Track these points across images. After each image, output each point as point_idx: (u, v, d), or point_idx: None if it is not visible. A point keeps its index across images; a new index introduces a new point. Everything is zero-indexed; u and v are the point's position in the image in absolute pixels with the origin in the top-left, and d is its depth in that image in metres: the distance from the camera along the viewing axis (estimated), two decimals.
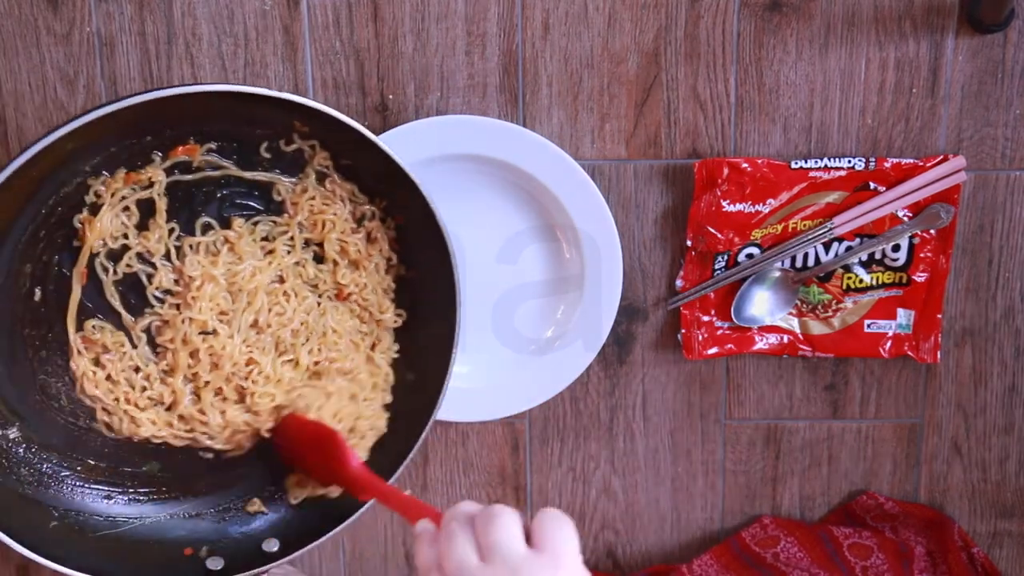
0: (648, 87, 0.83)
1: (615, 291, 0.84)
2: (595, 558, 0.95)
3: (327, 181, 0.76)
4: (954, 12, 0.81)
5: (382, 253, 0.78)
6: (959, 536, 0.90)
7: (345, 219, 0.76)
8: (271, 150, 0.74)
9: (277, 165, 0.75)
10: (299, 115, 0.71)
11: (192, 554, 0.75)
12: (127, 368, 0.74)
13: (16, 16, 0.82)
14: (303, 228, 0.76)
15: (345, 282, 0.77)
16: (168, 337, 0.73)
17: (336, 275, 0.77)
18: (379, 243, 0.78)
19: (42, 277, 0.70)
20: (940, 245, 0.85)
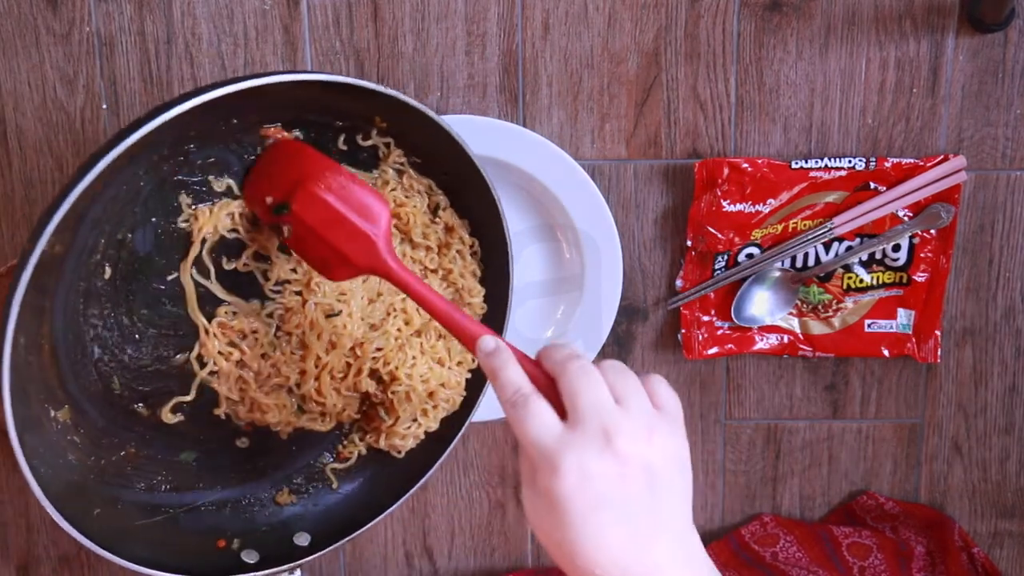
0: (648, 87, 0.83)
1: (615, 291, 0.84)
2: None
3: (404, 176, 0.75)
4: (954, 12, 0.81)
5: (463, 240, 0.78)
6: (959, 536, 0.90)
7: (424, 211, 0.76)
8: (349, 142, 0.73)
9: (350, 159, 0.74)
10: (381, 110, 0.70)
11: (225, 546, 0.74)
12: (257, 356, 0.74)
13: (16, 16, 0.82)
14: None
15: (433, 267, 0.77)
16: (295, 323, 0.72)
17: (425, 260, 0.77)
18: (457, 231, 0.77)
19: (115, 256, 0.67)
20: (940, 245, 0.85)
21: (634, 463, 0.49)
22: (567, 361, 0.52)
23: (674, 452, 0.52)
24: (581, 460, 0.49)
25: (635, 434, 0.50)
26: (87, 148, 0.85)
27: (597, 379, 0.51)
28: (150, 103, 0.84)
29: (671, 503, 0.51)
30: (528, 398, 0.52)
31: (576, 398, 0.51)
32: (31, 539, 0.95)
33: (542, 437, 0.50)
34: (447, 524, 0.94)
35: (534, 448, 0.50)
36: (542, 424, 0.51)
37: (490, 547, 0.95)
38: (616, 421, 0.50)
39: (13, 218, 0.87)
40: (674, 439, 0.52)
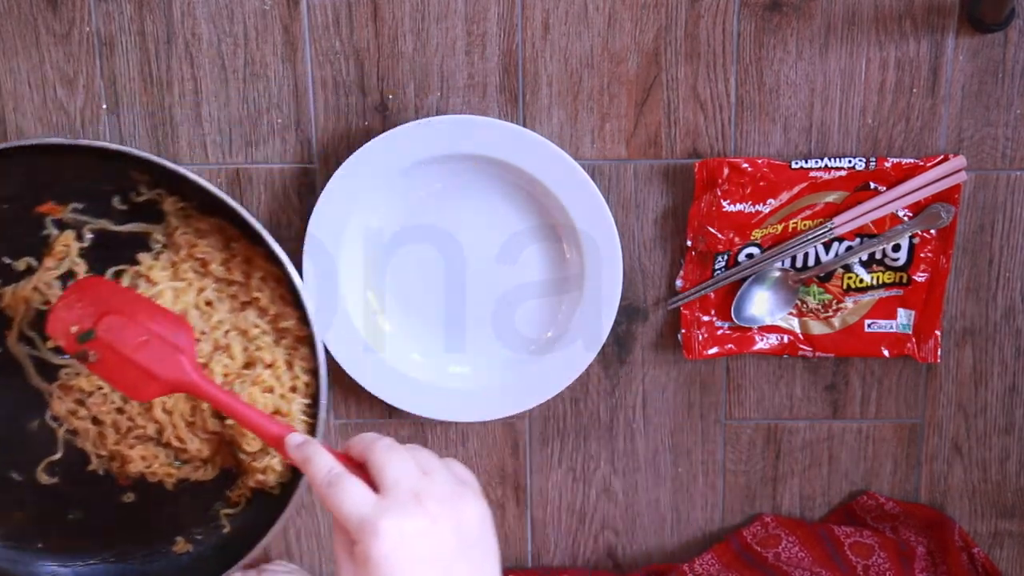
0: (648, 87, 0.83)
1: (615, 291, 0.84)
2: (595, 558, 0.95)
3: (191, 219, 0.80)
4: (954, 12, 0.81)
5: (263, 268, 0.80)
6: (959, 536, 0.90)
7: (220, 248, 0.80)
8: (126, 202, 0.79)
9: (134, 216, 0.80)
10: (132, 166, 0.75)
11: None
12: (111, 410, 0.77)
13: (16, 16, 0.82)
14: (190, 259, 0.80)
15: (247, 299, 0.80)
16: None
17: (240, 294, 0.80)
18: (255, 260, 0.80)
19: None
20: (940, 245, 0.85)
21: (444, 521, 0.54)
22: (373, 442, 0.57)
23: (479, 516, 0.56)
24: (398, 522, 0.53)
25: (442, 495, 0.55)
26: None
27: (403, 453, 0.57)
28: (150, 103, 0.84)
29: (482, 560, 0.56)
30: (341, 476, 0.56)
31: (386, 470, 0.55)
32: None
33: (358, 508, 0.54)
34: None
35: (352, 520, 0.54)
36: (357, 496, 0.55)
37: None
38: (424, 485, 0.55)
39: None
40: (477, 505, 0.57)
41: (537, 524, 0.94)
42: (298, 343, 0.81)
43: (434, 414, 0.87)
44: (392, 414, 0.91)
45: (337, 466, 0.57)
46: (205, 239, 0.78)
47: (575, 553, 0.95)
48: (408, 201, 0.85)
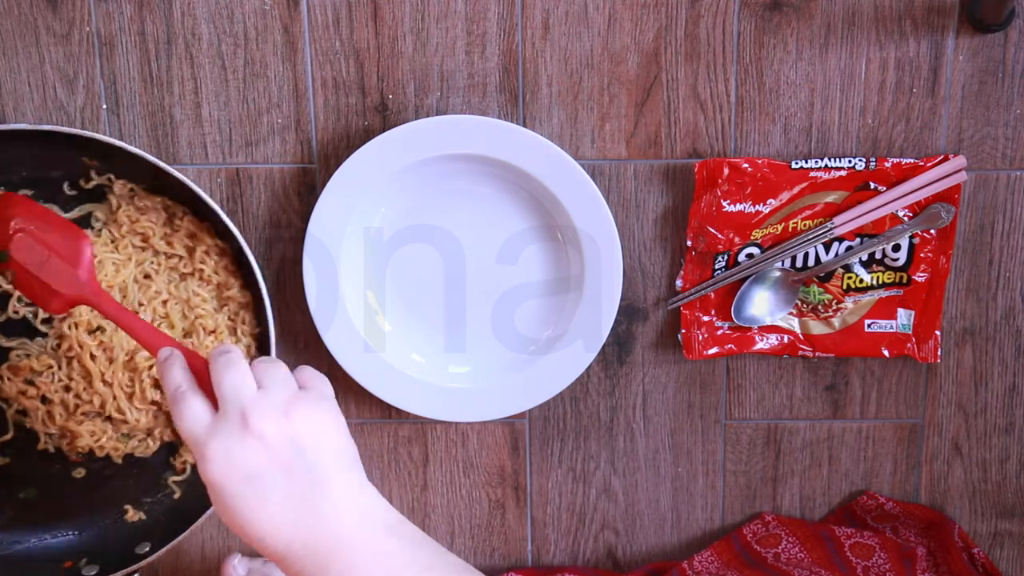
0: (648, 87, 0.83)
1: (615, 291, 0.84)
2: (595, 558, 0.95)
3: (135, 198, 0.82)
4: (954, 12, 0.81)
5: (207, 242, 0.82)
6: (959, 537, 0.90)
7: (163, 223, 0.82)
8: (75, 187, 0.82)
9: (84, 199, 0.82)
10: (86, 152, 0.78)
11: (71, 566, 0.81)
12: (59, 388, 0.80)
13: (16, 16, 0.82)
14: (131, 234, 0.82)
15: (188, 271, 0.82)
16: (67, 347, 0.79)
17: (179, 266, 0.82)
18: (199, 235, 0.82)
19: None
20: (940, 245, 0.85)
21: (274, 438, 0.54)
22: (216, 356, 0.58)
23: (317, 422, 0.56)
24: (224, 445, 0.54)
25: (271, 412, 0.55)
26: None
27: (240, 369, 0.57)
28: (150, 103, 0.84)
29: (325, 468, 0.55)
30: (184, 394, 0.57)
31: (219, 387, 0.56)
32: None
33: (192, 428, 0.56)
34: (447, 524, 0.94)
35: (189, 439, 0.56)
36: (193, 416, 0.56)
37: (490, 547, 0.95)
38: (253, 403, 0.55)
39: None
40: (315, 410, 0.56)
41: (537, 524, 0.94)
42: (241, 309, 0.83)
43: (434, 414, 0.87)
44: (392, 414, 0.91)
45: (184, 383, 0.58)
46: (146, 215, 0.81)
47: (575, 553, 0.95)
48: (408, 201, 0.85)
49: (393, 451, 0.92)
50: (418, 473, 0.93)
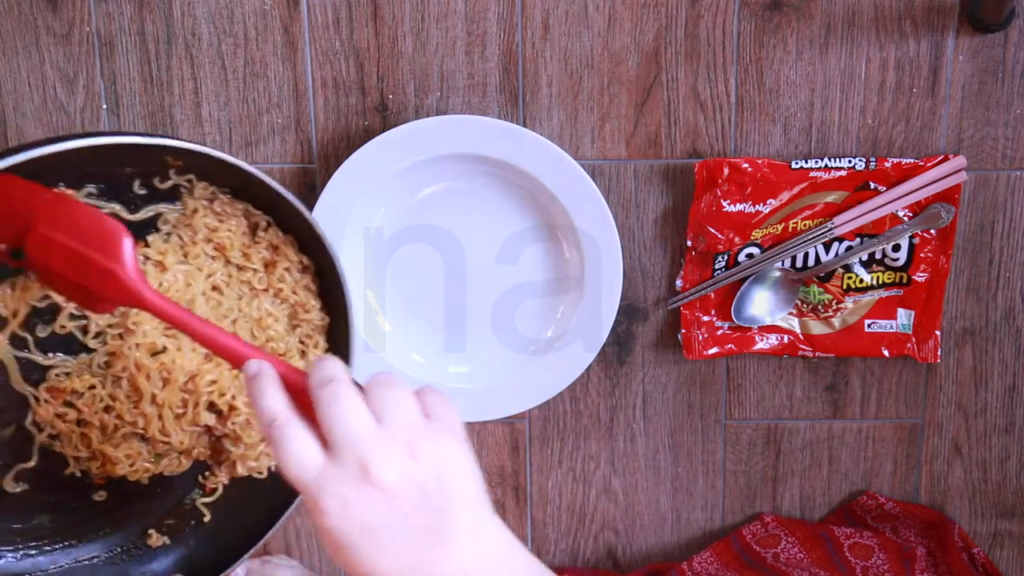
0: (648, 87, 0.83)
1: (615, 291, 0.84)
2: (595, 558, 0.95)
3: (216, 202, 0.73)
4: (954, 12, 0.81)
5: (290, 258, 0.75)
6: (959, 537, 0.90)
7: (243, 232, 0.74)
8: (146, 187, 0.70)
9: (155, 199, 0.71)
10: (170, 152, 0.67)
11: None
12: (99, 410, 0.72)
13: (16, 16, 0.82)
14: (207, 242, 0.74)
15: (263, 287, 0.75)
16: (120, 367, 0.70)
17: (253, 281, 0.75)
18: (282, 249, 0.75)
19: None
20: (940, 245, 0.85)
21: (398, 485, 0.48)
22: (319, 389, 0.50)
23: (445, 459, 0.50)
24: (340, 496, 0.48)
25: (395, 456, 0.48)
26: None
27: (352, 402, 0.49)
28: (150, 103, 0.84)
29: (452, 509, 0.49)
30: (284, 428, 0.49)
31: (330, 428, 0.49)
32: None
33: (301, 474, 0.49)
34: None
35: (296, 485, 0.49)
36: (299, 458, 0.49)
37: None
38: (372, 449, 0.48)
39: None
40: (443, 446, 0.50)
41: (537, 524, 0.94)
42: (314, 332, 0.77)
43: None
44: None
45: (283, 413, 0.50)
46: (226, 223, 0.73)
47: (575, 553, 0.95)
48: (408, 201, 0.85)
49: None
50: None
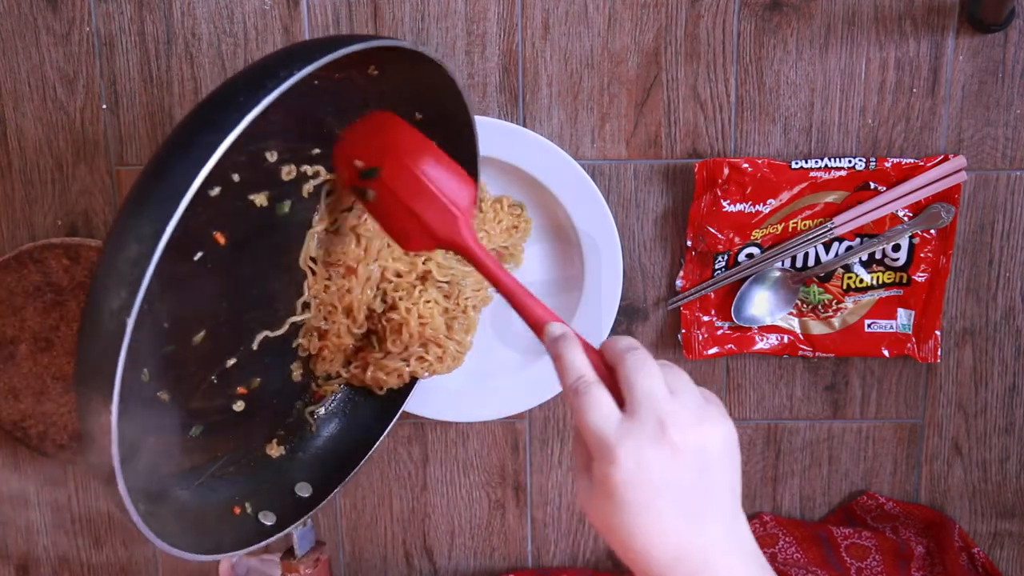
0: (648, 87, 0.83)
1: (615, 291, 0.84)
2: (595, 558, 0.95)
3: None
4: (954, 12, 0.81)
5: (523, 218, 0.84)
6: (959, 537, 0.90)
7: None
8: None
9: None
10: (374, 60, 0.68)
11: (241, 512, 0.74)
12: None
13: (16, 16, 0.82)
14: None
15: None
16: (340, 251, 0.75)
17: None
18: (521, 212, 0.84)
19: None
20: (940, 245, 0.85)
21: (687, 450, 0.51)
22: (626, 352, 0.54)
23: (724, 437, 0.53)
24: (638, 450, 0.50)
25: (687, 422, 0.51)
26: (87, 148, 0.85)
27: (653, 370, 0.53)
28: (150, 103, 0.84)
29: (720, 487, 0.53)
30: (590, 386, 0.53)
31: (633, 388, 0.52)
32: (31, 539, 0.95)
33: (601, 426, 0.51)
34: (447, 524, 0.94)
35: (592, 436, 0.51)
36: (601, 413, 0.52)
37: (490, 547, 0.95)
38: (670, 410, 0.51)
39: (13, 218, 0.87)
40: (724, 425, 0.54)
41: (537, 524, 0.94)
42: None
43: (434, 414, 0.87)
44: None
45: (589, 372, 0.54)
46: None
47: (575, 553, 0.95)
48: None
49: (393, 451, 0.92)
50: (418, 473, 0.93)
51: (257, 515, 0.74)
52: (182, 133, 0.54)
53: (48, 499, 0.94)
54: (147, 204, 0.52)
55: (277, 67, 0.55)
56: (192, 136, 0.53)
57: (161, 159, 0.53)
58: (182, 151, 0.53)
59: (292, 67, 0.55)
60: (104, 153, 0.85)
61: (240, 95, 0.53)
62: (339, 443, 0.80)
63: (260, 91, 0.53)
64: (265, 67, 0.56)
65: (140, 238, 0.51)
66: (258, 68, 0.56)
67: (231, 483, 0.76)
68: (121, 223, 0.53)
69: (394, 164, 0.65)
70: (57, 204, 0.86)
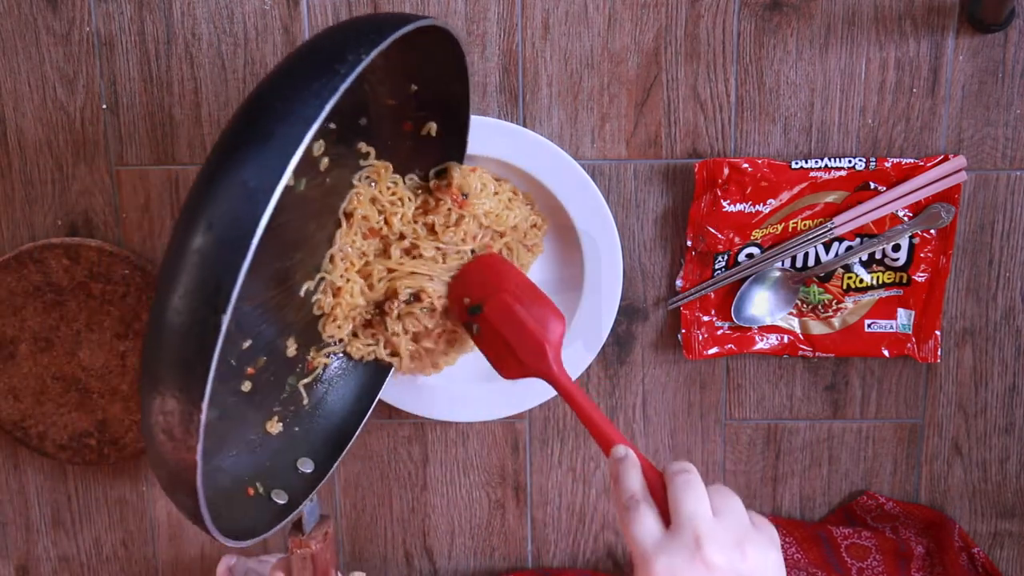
0: (648, 87, 0.83)
1: (615, 291, 0.84)
2: (595, 558, 0.95)
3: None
4: (954, 12, 0.81)
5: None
6: (959, 537, 0.90)
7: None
8: None
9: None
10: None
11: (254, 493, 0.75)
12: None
13: (16, 16, 0.82)
14: None
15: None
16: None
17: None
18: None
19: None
20: (940, 245, 0.85)
21: (721, 570, 0.53)
22: (676, 474, 0.58)
23: (766, 563, 0.55)
24: (672, 564, 0.53)
25: (726, 544, 0.54)
26: (87, 148, 0.85)
27: (701, 492, 0.56)
28: (150, 103, 0.84)
29: None
30: (639, 504, 0.57)
31: (678, 507, 0.56)
32: (31, 539, 0.95)
33: (642, 539, 0.55)
34: (447, 524, 0.94)
35: (636, 547, 0.56)
36: (645, 528, 0.56)
37: (490, 547, 0.95)
38: (709, 530, 0.54)
39: (13, 218, 0.87)
40: (769, 554, 0.55)
41: (537, 524, 0.94)
42: None
43: (434, 414, 0.87)
44: (392, 414, 0.91)
45: (639, 492, 0.58)
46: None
47: (575, 553, 0.95)
48: None
49: (393, 451, 0.92)
50: (418, 473, 0.93)
51: (270, 494, 0.75)
52: (269, 113, 0.54)
53: (48, 499, 0.94)
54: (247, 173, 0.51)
55: (345, 51, 0.55)
56: (286, 113, 0.52)
57: (250, 143, 0.52)
58: (266, 141, 0.52)
59: (360, 51, 0.55)
60: (104, 153, 0.85)
61: (324, 74, 0.54)
62: (334, 415, 0.81)
63: (343, 70, 0.54)
64: (332, 50, 0.56)
65: (242, 222, 0.50)
66: (327, 47, 0.57)
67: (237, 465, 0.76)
68: (206, 210, 0.51)
69: (495, 301, 0.73)
70: (57, 204, 0.86)
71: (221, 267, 0.50)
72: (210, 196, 0.52)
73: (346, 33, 0.58)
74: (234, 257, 0.49)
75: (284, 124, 0.52)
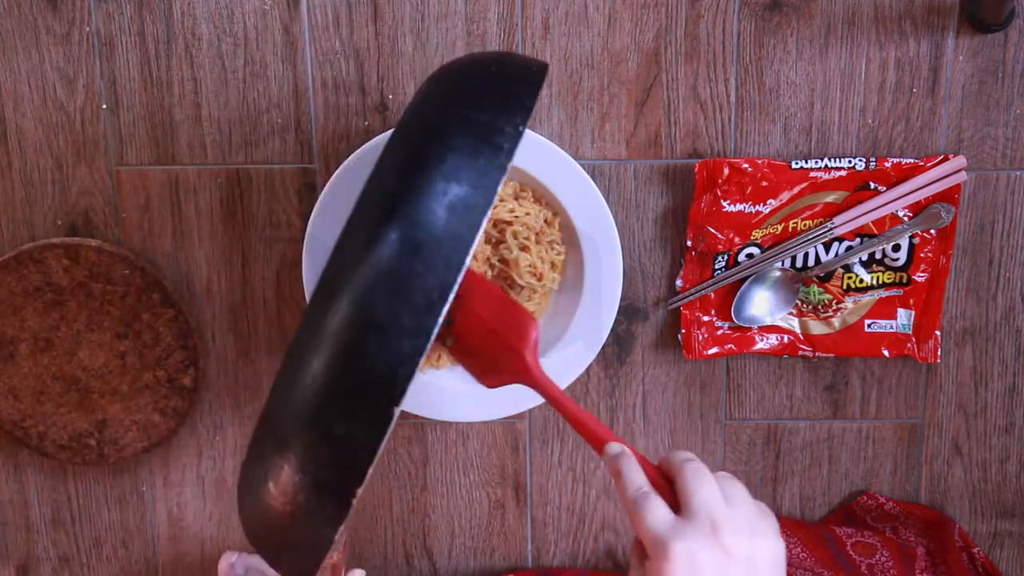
0: (648, 87, 0.83)
1: (615, 291, 0.84)
2: (595, 558, 0.95)
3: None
4: (954, 12, 0.81)
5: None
6: (959, 536, 0.90)
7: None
8: None
9: None
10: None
11: None
12: None
13: (16, 16, 0.82)
14: None
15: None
16: None
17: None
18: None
19: None
20: (940, 245, 0.85)
21: (738, 554, 0.54)
22: (684, 463, 0.58)
23: (774, 551, 0.56)
24: (690, 548, 0.54)
25: (740, 529, 0.55)
26: (87, 148, 0.85)
27: (711, 480, 0.57)
28: (150, 103, 0.84)
29: None
30: (648, 495, 0.57)
31: (691, 495, 0.56)
32: (31, 539, 0.95)
33: (657, 528, 0.55)
34: (447, 524, 0.94)
35: (649, 536, 0.55)
36: (658, 517, 0.56)
37: (490, 547, 0.95)
38: (724, 516, 0.55)
39: (13, 218, 0.87)
40: (775, 541, 0.56)
41: (537, 524, 0.94)
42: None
43: (434, 414, 0.87)
44: None
45: (645, 484, 0.58)
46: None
47: (575, 553, 0.95)
48: None
49: (393, 451, 0.92)
50: (418, 473, 0.93)
51: None
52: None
53: (48, 499, 0.94)
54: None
55: (503, 122, 0.55)
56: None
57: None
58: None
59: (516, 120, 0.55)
60: (104, 153, 0.85)
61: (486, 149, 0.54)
62: None
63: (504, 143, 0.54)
64: (488, 123, 0.56)
65: (440, 270, 0.50)
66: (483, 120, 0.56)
67: None
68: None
69: (463, 313, 0.71)
70: (57, 204, 0.86)
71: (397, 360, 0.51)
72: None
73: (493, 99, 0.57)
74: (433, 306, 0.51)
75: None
